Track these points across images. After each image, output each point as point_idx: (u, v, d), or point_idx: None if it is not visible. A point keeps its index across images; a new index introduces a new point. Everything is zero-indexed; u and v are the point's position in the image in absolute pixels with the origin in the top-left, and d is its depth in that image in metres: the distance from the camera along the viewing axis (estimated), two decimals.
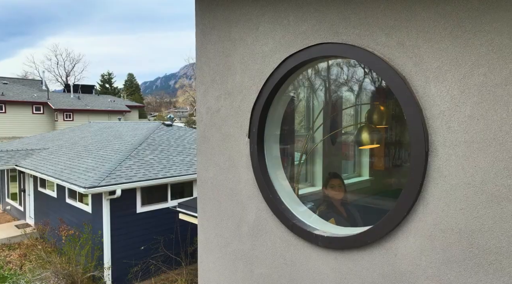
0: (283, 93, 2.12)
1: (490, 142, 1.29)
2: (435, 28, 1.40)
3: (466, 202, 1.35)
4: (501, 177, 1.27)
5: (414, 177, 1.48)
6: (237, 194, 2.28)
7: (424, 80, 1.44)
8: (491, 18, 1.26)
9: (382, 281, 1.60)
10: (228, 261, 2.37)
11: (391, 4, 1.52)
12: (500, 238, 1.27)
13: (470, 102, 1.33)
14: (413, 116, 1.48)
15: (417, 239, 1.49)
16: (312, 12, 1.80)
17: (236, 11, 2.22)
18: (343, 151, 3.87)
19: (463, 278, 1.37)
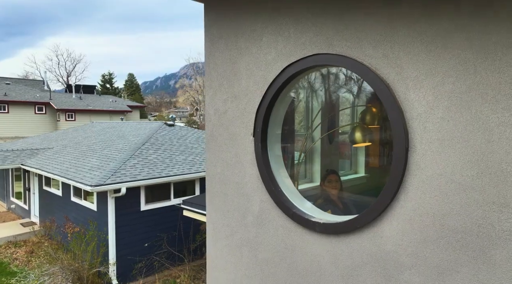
0: (284, 96, 2.37)
1: (457, 139, 1.54)
2: (413, 43, 1.66)
3: (439, 190, 1.61)
4: (466, 168, 1.52)
5: (397, 170, 1.73)
6: (243, 187, 2.54)
7: (405, 87, 1.70)
8: (457, 37, 1.52)
9: (370, 260, 1.86)
10: (234, 248, 2.62)
11: (377, 22, 1.77)
12: (465, 220, 1.53)
13: (442, 106, 1.58)
14: (395, 118, 1.73)
15: (399, 223, 1.75)
16: (309, 26, 2.06)
17: (242, 23, 2.48)
18: (341, 150, 4.13)
19: (436, 254, 1.62)
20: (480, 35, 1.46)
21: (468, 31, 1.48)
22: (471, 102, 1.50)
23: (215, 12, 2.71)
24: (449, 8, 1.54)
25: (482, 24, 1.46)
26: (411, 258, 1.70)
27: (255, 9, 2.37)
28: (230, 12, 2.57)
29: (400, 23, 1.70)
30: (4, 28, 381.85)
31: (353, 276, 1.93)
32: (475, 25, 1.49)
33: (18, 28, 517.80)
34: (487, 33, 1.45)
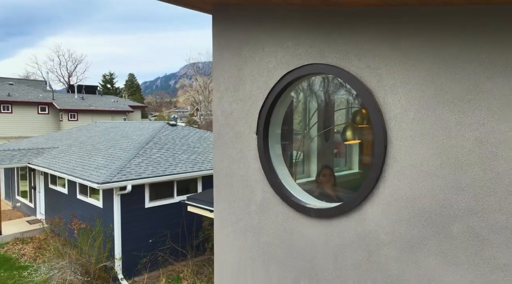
0: (284, 99, 2.71)
1: (425, 136, 1.88)
2: (390, 57, 2.00)
3: (411, 178, 1.95)
4: (431, 160, 1.86)
5: (377, 162, 2.07)
6: (247, 179, 2.88)
7: (384, 93, 2.04)
8: (425, 53, 1.86)
9: (356, 238, 2.20)
10: (239, 234, 2.96)
11: (362, 38, 2.11)
12: (431, 202, 1.87)
13: (413, 109, 1.92)
14: (376, 118, 2.07)
15: (379, 206, 2.09)
16: (305, 40, 2.40)
17: (246, 34, 2.82)
18: (336, 148, 4.47)
19: (408, 231, 1.96)
20: (442, 51, 1.80)
21: (433, 48, 1.82)
22: (435, 106, 1.84)
23: (222, 23, 3.05)
24: (419, 28, 1.88)
25: (444, 41, 1.80)
26: (389, 235, 2.04)
27: (258, 23, 2.71)
28: (236, 24, 2.91)
29: (381, 40, 2.04)
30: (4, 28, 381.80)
31: (342, 253, 2.27)
32: (437, 42, 1.82)
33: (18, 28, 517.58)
34: (448, 49, 1.79)
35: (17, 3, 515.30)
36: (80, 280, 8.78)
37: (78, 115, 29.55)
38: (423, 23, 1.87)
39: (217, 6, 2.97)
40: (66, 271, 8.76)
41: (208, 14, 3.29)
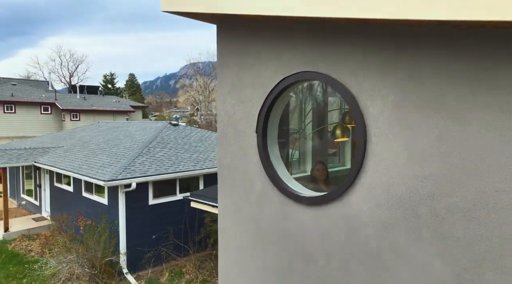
0: (280, 102, 3.08)
1: (396, 134, 2.25)
2: (369, 66, 2.36)
3: (386, 169, 2.31)
4: (402, 154, 2.23)
5: (358, 156, 2.44)
6: (247, 173, 3.24)
7: (364, 97, 2.40)
8: (396, 64, 2.23)
9: (341, 221, 2.57)
10: (241, 221, 3.33)
11: (347, 50, 2.48)
12: (402, 189, 2.23)
13: (387, 111, 2.29)
14: (358, 118, 2.44)
15: (360, 194, 2.45)
16: (298, 50, 2.76)
17: (247, 43, 3.18)
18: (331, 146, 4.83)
19: (384, 214, 2.33)
20: (410, 63, 2.17)
21: (403, 60, 2.19)
22: (404, 108, 2.21)
23: (225, 34, 3.41)
24: (392, 42, 2.25)
25: (411, 55, 2.16)
26: (368, 218, 2.41)
27: (257, 35, 3.08)
28: (237, 35, 3.27)
29: (362, 52, 2.41)
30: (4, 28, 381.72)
31: (329, 234, 2.64)
32: (407, 56, 2.19)
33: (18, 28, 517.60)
34: (415, 62, 2.15)
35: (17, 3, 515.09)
36: (88, 273, 9.15)
37: (80, 115, 29.92)
38: (396, 39, 2.23)
39: (221, 19, 3.34)
40: (74, 265, 9.13)
41: (212, 24, 3.66)
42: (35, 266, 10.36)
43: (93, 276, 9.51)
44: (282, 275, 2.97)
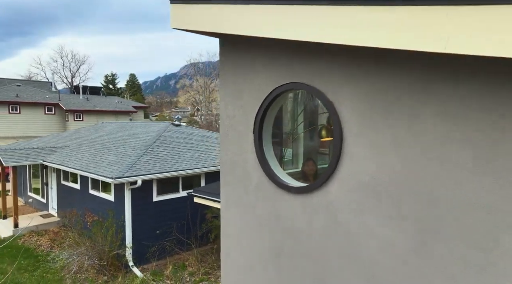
0: (274, 107, 3.62)
1: (365, 134, 2.79)
2: (342, 80, 2.90)
3: (357, 163, 2.85)
4: (369, 149, 2.77)
5: (336, 152, 2.98)
6: (246, 168, 3.78)
7: (339, 103, 2.94)
8: (364, 78, 2.77)
9: (323, 207, 3.10)
10: (241, 209, 3.87)
11: (324, 66, 3.02)
12: (369, 178, 2.77)
13: (357, 116, 2.83)
14: (336, 121, 2.98)
15: (338, 183, 2.99)
16: (288, 65, 3.30)
17: (245, 57, 3.72)
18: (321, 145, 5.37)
19: (356, 200, 2.87)
20: (372, 78, 2.71)
21: (367, 76, 2.73)
22: (370, 114, 2.75)
23: (226, 48, 3.95)
24: (357, 61, 2.79)
25: (373, 73, 2.71)
26: (344, 204, 2.95)
27: (254, 50, 3.62)
28: (237, 49, 3.81)
29: (337, 67, 2.95)
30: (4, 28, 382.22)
31: (313, 218, 3.18)
32: (371, 73, 2.73)
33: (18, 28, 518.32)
34: (376, 77, 2.69)
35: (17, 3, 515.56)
36: (97, 264, 9.71)
37: (83, 115, 30.48)
38: (361, 59, 2.77)
39: (224, 36, 3.88)
40: (83, 257, 9.68)
41: (215, 37, 4.20)
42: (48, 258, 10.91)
43: (101, 268, 10.06)
44: (275, 252, 3.52)
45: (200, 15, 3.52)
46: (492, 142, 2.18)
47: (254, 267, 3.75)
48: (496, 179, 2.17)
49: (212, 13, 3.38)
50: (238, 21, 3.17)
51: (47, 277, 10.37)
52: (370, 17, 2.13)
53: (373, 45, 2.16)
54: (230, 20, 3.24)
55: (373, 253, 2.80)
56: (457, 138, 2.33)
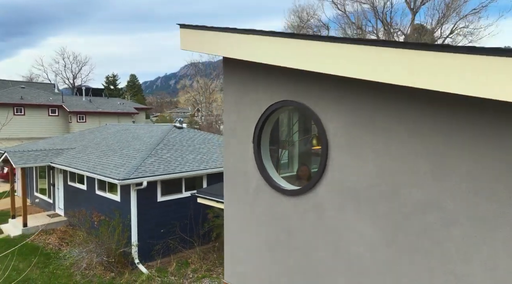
0: (271, 120, 4.15)
1: (347, 145, 3.33)
2: (327, 100, 3.44)
3: (340, 169, 3.39)
4: (350, 157, 3.31)
5: (322, 160, 3.52)
6: (246, 173, 4.32)
7: (326, 119, 3.48)
8: (346, 101, 3.31)
9: (312, 207, 3.64)
10: (241, 208, 4.41)
11: (312, 88, 3.56)
12: (348, 182, 3.31)
13: (340, 129, 3.37)
14: (323, 135, 3.52)
15: (325, 186, 3.53)
16: (283, 85, 3.84)
17: (246, 77, 4.26)
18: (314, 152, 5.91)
19: (339, 200, 3.41)
20: (352, 101, 3.25)
21: (347, 98, 3.27)
22: (352, 130, 3.29)
23: (229, 67, 4.49)
24: (340, 86, 3.33)
25: (353, 97, 3.24)
26: (330, 204, 3.49)
27: (254, 71, 4.16)
28: (239, 69, 4.35)
29: (325, 89, 3.49)
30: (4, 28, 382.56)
31: (304, 216, 3.72)
32: (350, 96, 3.27)
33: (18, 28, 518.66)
34: (355, 99, 3.23)
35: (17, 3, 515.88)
36: (105, 261, 10.24)
37: (86, 117, 31.03)
38: (343, 84, 3.31)
39: (227, 58, 4.42)
40: (92, 254, 10.22)
41: (220, 55, 4.74)
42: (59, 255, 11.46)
43: (108, 265, 10.60)
44: (270, 245, 4.06)
45: (206, 40, 4.07)
46: (442, 156, 2.73)
47: (253, 258, 4.30)
48: (448, 185, 2.71)
49: (215, 38, 3.93)
50: (237, 47, 3.71)
51: (57, 273, 10.91)
52: (353, 55, 2.68)
53: (355, 76, 2.70)
54: (231, 46, 3.79)
55: (352, 245, 3.34)
56: (420, 151, 2.87)
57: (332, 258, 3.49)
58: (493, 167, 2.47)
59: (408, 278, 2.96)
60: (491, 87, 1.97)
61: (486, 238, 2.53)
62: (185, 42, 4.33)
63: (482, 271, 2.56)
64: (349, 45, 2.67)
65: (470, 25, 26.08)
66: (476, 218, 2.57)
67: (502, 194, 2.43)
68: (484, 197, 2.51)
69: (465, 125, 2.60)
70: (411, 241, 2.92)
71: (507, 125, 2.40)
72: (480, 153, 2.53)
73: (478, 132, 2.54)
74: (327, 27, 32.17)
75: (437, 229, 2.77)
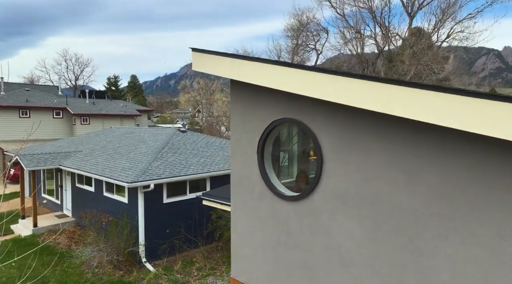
0: (273, 134, 4.73)
1: (338, 159, 3.91)
2: (321, 119, 4.02)
3: (333, 180, 3.98)
4: (340, 169, 3.89)
5: (318, 170, 4.11)
6: (251, 179, 4.90)
7: (320, 135, 4.06)
8: (334, 122, 3.89)
9: (309, 211, 4.22)
10: (247, 212, 4.99)
11: (311, 109, 4.14)
12: (340, 190, 3.90)
13: (333, 145, 3.95)
14: (318, 149, 4.10)
15: (319, 193, 4.11)
16: (283, 104, 4.42)
17: (251, 96, 4.84)
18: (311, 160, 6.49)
19: (331, 204, 3.99)
20: (339, 123, 3.83)
21: (337, 119, 3.86)
22: (341, 146, 3.87)
23: (237, 87, 5.07)
24: (329, 110, 3.90)
25: (340, 120, 3.82)
26: (324, 207, 4.07)
27: (258, 91, 4.74)
28: (245, 87, 4.93)
29: (320, 110, 4.06)
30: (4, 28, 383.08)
31: (302, 218, 4.30)
32: (338, 119, 3.85)
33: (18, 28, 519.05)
34: (342, 123, 3.81)
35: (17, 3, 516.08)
36: (115, 260, 10.82)
37: (90, 119, 31.60)
38: (332, 107, 3.89)
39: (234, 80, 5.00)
40: (103, 253, 10.80)
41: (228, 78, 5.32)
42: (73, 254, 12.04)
43: (118, 264, 11.18)
44: (272, 244, 4.65)
45: (212, 63, 4.65)
46: (413, 169, 3.31)
47: (257, 256, 4.88)
48: (418, 192, 3.29)
49: (220, 62, 4.51)
50: (239, 71, 4.29)
51: (68, 271, 11.50)
52: (336, 85, 3.26)
53: (340, 102, 3.29)
54: (234, 70, 4.37)
55: (342, 241, 3.92)
56: (395, 164, 3.46)
57: (325, 254, 4.08)
58: (451, 179, 3.06)
59: (386, 269, 3.55)
60: (438, 116, 2.56)
61: (448, 236, 3.12)
62: (196, 63, 4.91)
63: (446, 263, 3.14)
64: (333, 76, 3.25)
65: (465, 29, 26.70)
66: (440, 220, 3.15)
67: (459, 200, 3.01)
68: (446, 202, 3.10)
69: (430, 144, 3.18)
70: (389, 238, 3.50)
71: (452, 146, 2.99)
72: (441, 168, 3.12)
73: (440, 150, 3.12)
74: (327, 30, 32.77)
75: (409, 229, 3.35)
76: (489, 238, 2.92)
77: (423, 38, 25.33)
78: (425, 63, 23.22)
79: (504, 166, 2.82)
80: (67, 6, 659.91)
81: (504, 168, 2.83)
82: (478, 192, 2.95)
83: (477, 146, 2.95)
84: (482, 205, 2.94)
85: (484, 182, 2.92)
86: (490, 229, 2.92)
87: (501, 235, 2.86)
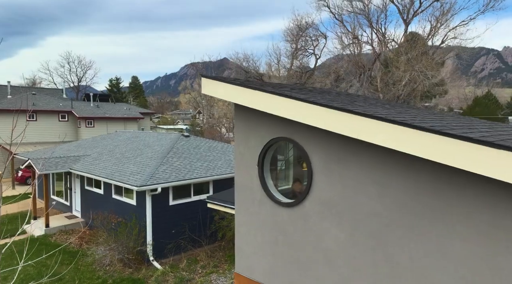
0: (271, 149, 5.53)
1: (326, 172, 4.71)
2: (314, 139, 4.82)
3: (321, 190, 4.78)
4: (326, 180, 4.69)
5: (309, 180, 4.91)
6: (252, 188, 5.70)
7: (310, 153, 4.87)
8: (323, 141, 4.70)
9: (301, 215, 5.03)
10: (249, 216, 5.79)
11: (303, 130, 4.94)
12: (326, 198, 4.70)
13: (321, 160, 4.75)
14: (308, 163, 4.90)
15: (310, 201, 4.91)
16: (280, 125, 5.23)
17: (253, 117, 5.64)
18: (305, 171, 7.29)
19: (319, 210, 4.79)
20: (326, 143, 4.63)
21: (326, 139, 4.67)
22: (328, 162, 4.67)
23: (240, 108, 5.87)
24: (317, 132, 4.70)
25: (326, 140, 4.62)
26: (314, 212, 4.87)
27: (259, 112, 5.54)
28: (248, 109, 5.73)
29: (311, 132, 4.87)
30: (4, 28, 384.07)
31: (295, 222, 5.10)
32: (326, 140, 4.65)
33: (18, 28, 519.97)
34: (327, 142, 4.61)
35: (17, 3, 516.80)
36: (126, 258, 11.63)
37: (94, 122, 32.42)
38: (318, 130, 4.69)
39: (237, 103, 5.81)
40: (114, 252, 11.61)
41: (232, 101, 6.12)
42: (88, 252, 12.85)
43: (127, 262, 11.99)
44: (271, 244, 5.45)
45: (217, 88, 5.46)
46: (383, 182, 4.12)
47: (258, 254, 5.68)
48: (387, 201, 4.10)
49: (223, 87, 5.32)
50: (239, 96, 5.09)
51: (81, 269, 12.31)
52: (320, 114, 4.06)
53: (324, 128, 4.09)
54: (236, 95, 5.17)
55: (328, 243, 4.73)
56: (369, 177, 4.26)
57: (314, 253, 4.88)
58: (411, 191, 3.86)
59: (364, 266, 4.35)
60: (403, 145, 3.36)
61: (411, 239, 3.92)
62: (205, 88, 5.71)
63: (410, 259, 3.95)
64: (317, 107, 4.06)
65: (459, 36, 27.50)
66: (405, 225, 3.96)
67: (417, 209, 3.82)
68: (408, 210, 3.91)
69: (395, 161, 3.98)
70: (364, 239, 4.31)
71: (412, 164, 3.79)
72: (403, 182, 3.92)
73: (403, 167, 3.93)
74: (325, 36, 33.58)
75: (381, 232, 4.16)
76: (438, 244, 3.73)
77: (418, 44, 26.13)
78: (419, 69, 24.02)
79: (442, 186, 3.63)
80: (67, 6, 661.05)
81: (444, 188, 3.63)
82: (435, 207, 3.76)
83: (433, 166, 3.75)
84: (432, 216, 3.75)
85: (436, 196, 3.73)
86: (441, 236, 3.72)
87: (447, 240, 3.67)
